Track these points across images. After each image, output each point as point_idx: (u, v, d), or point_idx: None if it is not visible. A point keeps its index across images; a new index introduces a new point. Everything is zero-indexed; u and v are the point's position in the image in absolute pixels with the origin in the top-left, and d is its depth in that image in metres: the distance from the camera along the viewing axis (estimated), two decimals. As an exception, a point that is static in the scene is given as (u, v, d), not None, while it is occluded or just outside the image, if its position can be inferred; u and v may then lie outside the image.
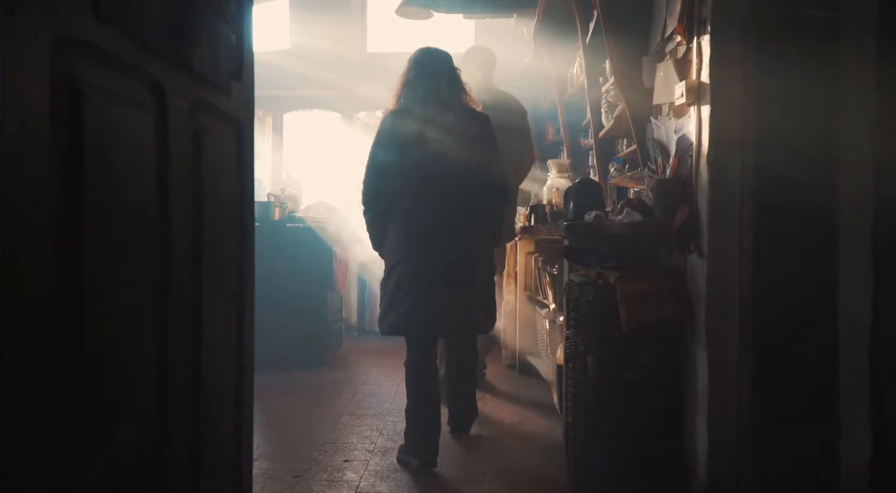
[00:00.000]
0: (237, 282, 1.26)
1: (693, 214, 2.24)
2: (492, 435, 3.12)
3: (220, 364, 1.21)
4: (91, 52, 0.75)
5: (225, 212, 1.14)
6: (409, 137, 2.67)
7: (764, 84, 2.12)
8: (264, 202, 4.67)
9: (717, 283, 2.17)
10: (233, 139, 1.13)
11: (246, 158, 1.18)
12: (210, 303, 1.08)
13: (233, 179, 1.14)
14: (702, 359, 2.20)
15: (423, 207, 2.66)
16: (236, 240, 1.19)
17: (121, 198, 0.79)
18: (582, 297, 2.43)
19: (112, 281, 0.78)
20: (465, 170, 2.68)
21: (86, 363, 0.72)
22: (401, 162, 2.67)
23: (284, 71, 6.42)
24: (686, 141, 2.36)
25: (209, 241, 1.04)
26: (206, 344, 1.09)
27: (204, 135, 0.96)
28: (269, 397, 3.81)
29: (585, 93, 4.09)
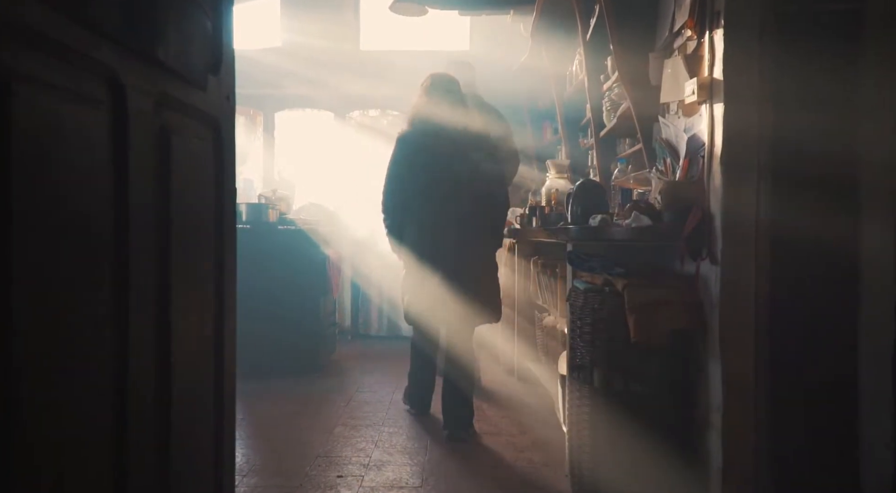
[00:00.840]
0: (216, 292, 1.13)
1: (705, 218, 2.12)
2: (490, 446, 3.00)
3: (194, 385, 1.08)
4: (26, 37, 0.62)
5: (200, 218, 1.01)
6: (422, 156, 3.14)
7: (781, 81, 2.00)
8: (255, 204, 4.54)
9: (732, 291, 2.05)
10: (209, 140, 1.00)
11: (226, 161, 1.05)
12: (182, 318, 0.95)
13: (210, 183, 1.01)
14: (715, 372, 2.08)
15: (436, 216, 3.13)
16: (214, 247, 1.06)
17: (64, 204, 0.66)
18: (587, 305, 2.31)
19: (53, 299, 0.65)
20: (470, 184, 3.13)
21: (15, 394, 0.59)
22: (415, 178, 3.14)
23: (276, 69, 6.29)
24: (697, 141, 2.24)
25: (180, 250, 0.91)
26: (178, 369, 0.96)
27: (173, 134, 0.83)
28: (260, 406, 3.68)
29: (586, 91, 3.97)
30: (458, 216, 3.10)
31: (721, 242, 2.05)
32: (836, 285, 1.98)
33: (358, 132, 6.58)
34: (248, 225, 4.48)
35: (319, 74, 6.27)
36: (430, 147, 3.13)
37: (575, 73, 4.37)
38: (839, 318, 1.99)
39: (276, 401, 3.78)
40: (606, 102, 3.51)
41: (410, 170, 3.15)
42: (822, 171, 1.94)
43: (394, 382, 4.27)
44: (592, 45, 3.70)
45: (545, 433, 3.17)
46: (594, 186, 2.88)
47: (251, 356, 4.41)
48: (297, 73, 6.29)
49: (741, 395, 2.04)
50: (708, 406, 2.12)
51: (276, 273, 4.42)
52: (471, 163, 3.13)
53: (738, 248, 2.04)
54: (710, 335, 2.12)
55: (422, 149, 3.14)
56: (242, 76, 5.82)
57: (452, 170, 3.11)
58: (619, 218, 2.46)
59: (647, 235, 2.25)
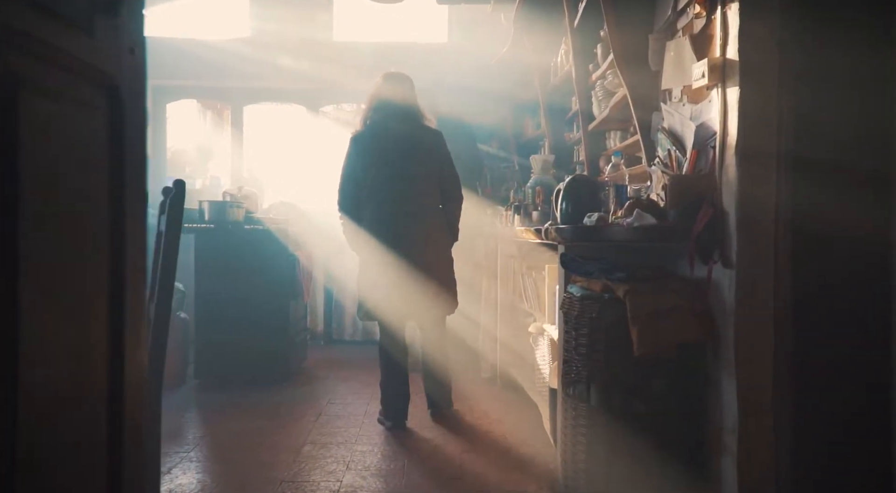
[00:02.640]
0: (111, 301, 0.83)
1: (717, 216, 1.89)
2: (473, 465, 2.74)
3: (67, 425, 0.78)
4: None
5: (83, 207, 0.73)
6: (375, 153, 3.23)
7: (804, 60, 1.77)
8: (219, 202, 4.23)
9: (748, 298, 1.81)
10: (100, 103, 0.72)
11: (129, 133, 0.77)
12: (41, 332, 0.67)
13: (102, 162, 0.73)
14: (729, 389, 1.85)
15: (389, 211, 3.20)
16: (111, 245, 0.78)
17: None
18: (583, 313, 2.06)
19: None
20: (423, 178, 3.24)
21: None
22: (368, 174, 3.22)
23: (244, 60, 5.96)
24: (707, 129, 2.00)
25: (40, 249, 0.64)
26: (32, 404, 0.67)
27: (24, 88, 0.56)
28: (222, 421, 3.39)
29: (573, 82, 3.73)
30: (412, 211, 3.21)
31: (735, 243, 1.82)
32: (868, 289, 1.76)
33: (331, 127, 6.28)
34: (212, 224, 4.17)
35: (291, 66, 5.97)
36: (382, 145, 3.23)
37: (560, 63, 4.13)
38: (871, 327, 1.76)
39: (239, 415, 3.49)
40: (597, 92, 3.27)
41: (364, 168, 3.23)
42: (852, 159, 1.71)
43: (368, 390, 3.99)
44: (580, 32, 3.46)
45: (533, 450, 2.91)
46: (587, 181, 2.64)
47: (213, 365, 4.12)
48: (266, 65, 5.97)
49: (759, 415, 1.81)
50: (721, 428, 1.89)
51: (241, 276, 4.12)
52: (424, 159, 3.25)
53: (754, 249, 1.81)
54: (723, 348, 1.88)
55: (375, 147, 3.23)
56: (208, 67, 5.48)
57: (406, 166, 3.22)
58: (617, 217, 2.22)
59: (652, 236, 2.01)
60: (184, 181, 1.95)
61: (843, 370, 1.77)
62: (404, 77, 3.36)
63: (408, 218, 3.19)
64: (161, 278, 1.90)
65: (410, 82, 3.36)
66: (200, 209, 4.19)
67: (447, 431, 3.24)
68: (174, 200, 1.93)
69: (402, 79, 3.34)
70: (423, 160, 3.24)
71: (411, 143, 3.24)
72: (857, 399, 1.77)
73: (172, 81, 6.24)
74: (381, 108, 3.28)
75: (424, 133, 3.29)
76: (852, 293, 1.78)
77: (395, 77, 3.34)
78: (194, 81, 6.26)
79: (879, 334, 1.76)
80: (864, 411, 1.78)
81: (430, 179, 3.25)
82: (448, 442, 3.06)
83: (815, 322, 1.78)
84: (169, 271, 1.90)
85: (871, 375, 1.76)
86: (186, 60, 6.00)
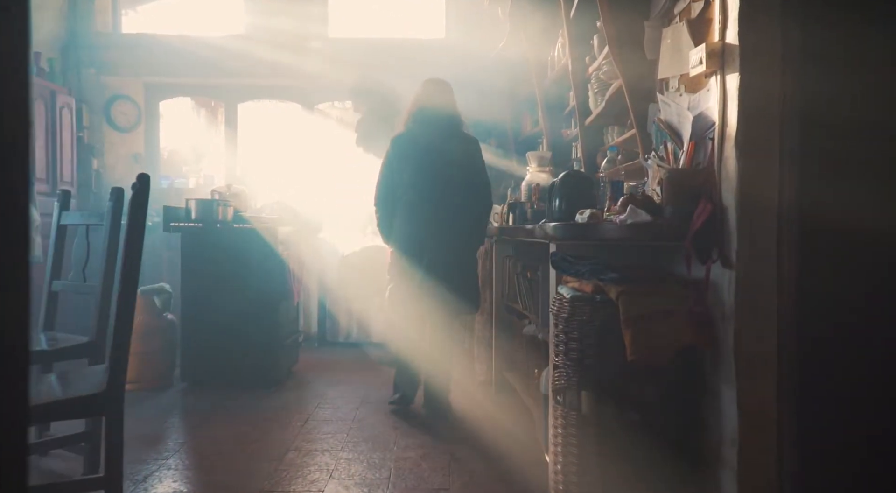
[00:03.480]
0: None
1: (716, 212, 1.76)
2: (462, 478, 2.61)
3: None
4: None
5: None
6: (412, 156, 3.38)
7: (810, 42, 1.64)
8: (206, 200, 4.11)
9: (749, 300, 1.69)
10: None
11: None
12: None
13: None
14: (729, 398, 1.72)
15: (420, 212, 3.37)
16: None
17: None
18: (574, 316, 1.93)
19: None
20: (455, 183, 3.38)
21: None
22: (404, 175, 3.39)
23: (238, 57, 5.86)
24: (705, 120, 1.88)
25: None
26: None
27: None
28: (205, 427, 3.27)
29: (569, 76, 3.60)
30: (444, 212, 3.35)
31: (736, 241, 1.69)
32: (882, 290, 1.63)
33: (326, 125, 6.17)
34: (199, 223, 4.05)
35: (286, 63, 5.85)
36: (419, 149, 3.39)
37: (557, 58, 4.00)
38: (885, 332, 1.63)
39: (224, 420, 3.37)
40: (593, 85, 3.14)
41: (401, 169, 3.39)
42: (864, 148, 1.58)
43: (359, 394, 3.87)
44: (576, 24, 3.33)
45: (525, 459, 2.78)
46: (580, 177, 2.51)
47: (200, 368, 4.01)
48: (261, 62, 5.86)
49: (760, 427, 1.68)
50: (720, 440, 1.76)
51: (229, 276, 4.00)
52: (458, 165, 3.39)
53: (756, 247, 1.68)
54: (722, 354, 1.76)
55: (412, 151, 3.39)
56: (202, 65, 5.37)
57: (440, 170, 3.36)
58: (612, 214, 2.09)
59: (646, 234, 1.88)
60: (148, 176, 1.84)
61: (854, 380, 1.64)
62: (444, 84, 3.50)
63: (437, 221, 3.34)
64: (123, 269, 1.80)
65: (450, 89, 3.50)
66: (187, 208, 4.08)
67: (437, 436, 3.11)
68: (137, 194, 1.82)
69: (443, 85, 3.50)
70: (457, 166, 3.39)
71: (447, 148, 3.39)
72: (868, 412, 1.64)
73: (166, 79, 6.15)
74: (420, 113, 3.44)
75: (461, 140, 3.46)
76: (865, 296, 1.65)
77: (436, 83, 3.50)
78: (188, 79, 6.16)
79: (895, 341, 1.63)
80: (877, 424, 1.65)
81: (462, 184, 3.39)
82: (437, 449, 2.94)
83: (823, 327, 1.65)
84: (132, 263, 1.80)
85: (884, 385, 1.63)
86: (179, 58, 5.91)
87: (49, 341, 2.67)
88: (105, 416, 1.81)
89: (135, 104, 6.10)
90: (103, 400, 1.79)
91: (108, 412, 1.80)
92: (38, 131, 4.92)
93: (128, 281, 1.81)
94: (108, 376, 1.80)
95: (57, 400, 1.73)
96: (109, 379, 1.80)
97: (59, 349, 2.58)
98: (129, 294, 1.82)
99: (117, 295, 1.81)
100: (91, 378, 1.97)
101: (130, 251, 1.82)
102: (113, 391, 1.80)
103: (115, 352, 1.81)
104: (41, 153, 4.97)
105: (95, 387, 1.83)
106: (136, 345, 3.96)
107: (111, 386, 1.80)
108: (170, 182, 6.19)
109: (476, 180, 3.42)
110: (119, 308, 1.82)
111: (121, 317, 1.82)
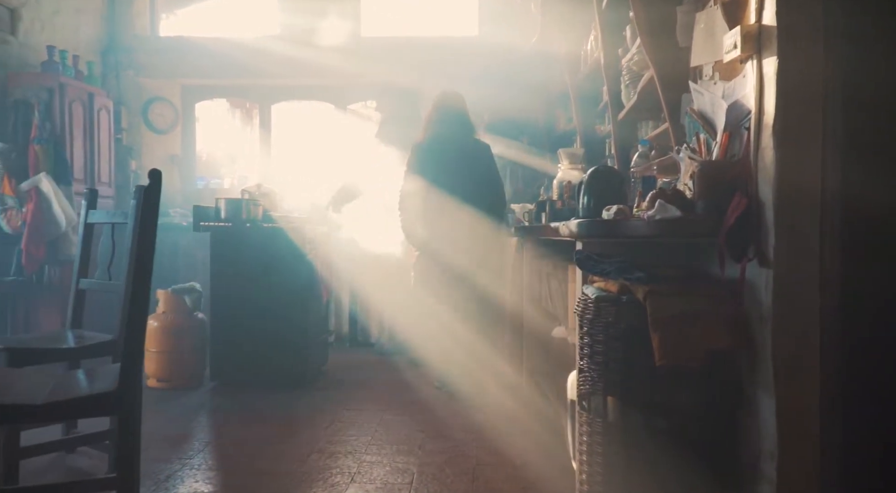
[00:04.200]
0: None
1: (752, 207, 1.64)
2: (486, 485, 2.52)
3: None
4: None
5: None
6: (432, 160, 3.77)
7: (854, 21, 1.51)
8: (235, 200, 4.11)
9: (789, 300, 1.57)
10: None
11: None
12: None
13: None
14: (767, 406, 1.60)
15: (443, 214, 3.69)
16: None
17: None
18: (599, 317, 1.83)
19: None
20: (473, 187, 3.72)
21: None
22: (426, 177, 3.73)
23: (272, 58, 5.88)
24: (740, 108, 1.76)
25: None
26: None
27: None
28: (231, 427, 3.26)
29: (602, 70, 3.49)
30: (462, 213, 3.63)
31: (773, 237, 1.57)
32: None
33: (358, 125, 6.15)
34: (229, 223, 4.05)
35: (318, 62, 5.85)
36: (438, 153, 3.77)
37: (590, 51, 3.89)
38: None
39: (250, 420, 3.35)
40: (625, 77, 3.02)
41: (422, 171, 3.75)
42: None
43: (386, 396, 3.82)
44: (609, 14, 3.23)
45: (552, 466, 2.66)
46: (609, 172, 2.40)
47: (230, 367, 4.00)
48: (294, 62, 5.88)
49: (802, 438, 1.56)
50: (757, 452, 1.64)
51: (258, 276, 3.99)
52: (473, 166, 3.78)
53: (796, 243, 1.56)
54: (759, 358, 1.63)
55: (431, 156, 3.77)
56: (237, 66, 5.41)
57: (457, 171, 3.72)
58: (640, 210, 1.98)
59: (676, 230, 1.76)
60: (159, 172, 1.81)
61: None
62: (457, 94, 3.96)
63: (456, 221, 3.68)
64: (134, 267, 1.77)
65: (463, 100, 3.95)
66: (217, 208, 4.08)
67: (464, 440, 3.03)
68: (148, 191, 1.79)
69: (456, 96, 3.94)
70: (472, 167, 3.80)
71: (463, 152, 3.81)
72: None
73: (201, 81, 6.21)
74: (438, 122, 3.87)
75: (475, 145, 3.90)
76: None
77: (449, 95, 3.94)
78: (223, 80, 6.22)
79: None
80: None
81: (477, 184, 3.77)
82: (463, 454, 2.85)
83: (870, 329, 1.52)
84: (143, 260, 1.77)
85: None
86: (215, 60, 5.96)
87: (76, 338, 2.68)
88: (117, 415, 1.78)
89: (172, 106, 6.18)
90: (114, 399, 1.75)
91: (119, 412, 1.76)
92: (76, 133, 5.00)
93: (139, 279, 1.78)
94: (120, 375, 1.77)
95: (65, 399, 1.71)
96: (121, 378, 1.77)
97: (84, 347, 2.59)
98: (140, 292, 1.78)
99: (128, 293, 1.78)
100: (108, 377, 1.94)
101: (142, 249, 1.79)
102: (125, 391, 1.76)
103: (127, 351, 1.78)
104: (79, 154, 5.05)
105: (107, 386, 1.80)
106: (167, 344, 3.99)
107: (123, 385, 1.76)
108: (205, 183, 6.25)
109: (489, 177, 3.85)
110: (130, 306, 1.79)
111: (132, 315, 1.79)
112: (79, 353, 2.59)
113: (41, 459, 2.66)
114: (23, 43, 4.99)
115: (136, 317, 1.80)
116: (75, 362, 2.72)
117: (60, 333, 2.86)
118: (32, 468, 2.58)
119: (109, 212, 2.78)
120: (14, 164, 4.56)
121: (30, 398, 1.66)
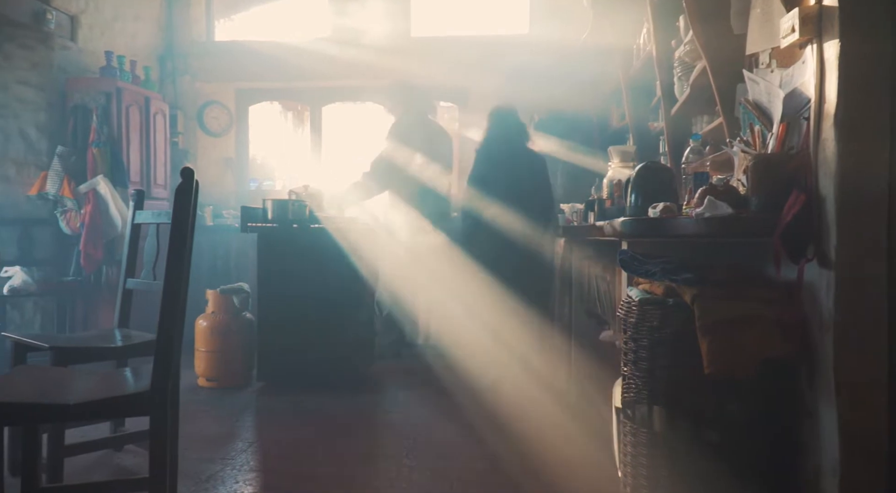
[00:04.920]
0: None
1: (811, 203, 1.51)
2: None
3: None
4: None
5: None
6: (490, 168, 4.04)
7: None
8: (281, 200, 4.13)
9: (853, 305, 1.43)
10: None
11: None
12: None
13: None
14: (829, 419, 1.47)
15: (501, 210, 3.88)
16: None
17: None
18: (643, 321, 1.73)
19: None
20: (526, 192, 3.95)
21: None
22: (484, 185, 3.99)
23: (323, 59, 5.92)
24: (799, 98, 1.63)
25: None
26: None
27: None
28: (274, 428, 3.28)
29: (654, 64, 3.35)
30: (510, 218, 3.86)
31: (835, 236, 1.44)
32: None
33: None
34: (275, 223, 4.07)
35: (369, 63, 5.86)
36: (494, 158, 4.05)
37: (642, 45, 3.75)
38: None
39: (294, 422, 3.34)
40: (677, 69, 2.88)
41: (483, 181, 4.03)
42: None
43: (431, 398, 3.76)
44: (661, 5, 3.09)
45: (597, 476, 2.55)
46: (658, 169, 2.28)
47: (276, 368, 4.01)
48: (345, 64, 5.90)
49: (868, 454, 1.42)
50: (818, 469, 1.51)
51: (305, 276, 3.99)
52: (527, 175, 3.99)
53: (860, 243, 1.43)
54: (819, 368, 1.50)
55: (493, 161, 4.05)
56: (289, 69, 5.49)
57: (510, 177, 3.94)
58: (689, 207, 1.87)
59: (727, 229, 1.64)
60: (192, 170, 1.81)
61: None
62: (510, 106, 4.20)
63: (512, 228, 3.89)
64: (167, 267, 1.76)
65: (516, 112, 4.18)
66: (264, 208, 4.11)
67: (508, 447, 2.94)
68: (180, 191, 1.78)
69: (510, 109, 4.18)
70: (525, 173, 4.02)
71: (517, 160, 4.05)
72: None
73: (255, 84, 6.31)
74: (493, 129, 4.14)
75: (528, 153, 4.15)
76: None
77: (503, 107, 4.19)
78: (275, 83, 6.30)
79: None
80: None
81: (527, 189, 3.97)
82: (507, 462, 2.76)
83: (946, 338, 1.37)
84: (176, 260, 1.76)
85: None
86: (267, 63, 6.03)
87: (123, 338, 2.72)
88: (149, 416, 1.77)
89: (226, 109, 6.29)
90: (146, 400, 1.75)
91: (150, 412, 1.76)
92: (133, 136, 5.13)
93: (171, 277, 1.77)
94: (152, 376, 1.76)
95: (98, 399, 1.71)
96: (153, 379, 1.76)
97: (129, 346, 2.62)
98: (172, 290, 1.78)
99: (162, 293, 1.77)
100: (146, 377, 1.94)
101: (175, 249, 1.78)
102: (157, 392, 1.76)
103: (159, 350, 1.77)
104: (136, 157, 5.17)
105: (142, 386, 1.80)
106: (216, 343, 4.03)
107: (155, 386, 1.76)
108: (257, 184, 6.33)
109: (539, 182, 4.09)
110: (164, 306, 1.78)
111: (165, 315, 1.78)
112: (124, 352, 2.62)
113: (88, 456, 2.70)
114: (82, 49, 5.16)
115: (169, 317, 1.79)
116: (123, 361, 2.76)
117: (109, 332, 2.91)
118: (80, 466, 2.63)
119: (155, 212, 2.82)
120: (73, 167, 4.71)
121: (62, 398, 1.66)
